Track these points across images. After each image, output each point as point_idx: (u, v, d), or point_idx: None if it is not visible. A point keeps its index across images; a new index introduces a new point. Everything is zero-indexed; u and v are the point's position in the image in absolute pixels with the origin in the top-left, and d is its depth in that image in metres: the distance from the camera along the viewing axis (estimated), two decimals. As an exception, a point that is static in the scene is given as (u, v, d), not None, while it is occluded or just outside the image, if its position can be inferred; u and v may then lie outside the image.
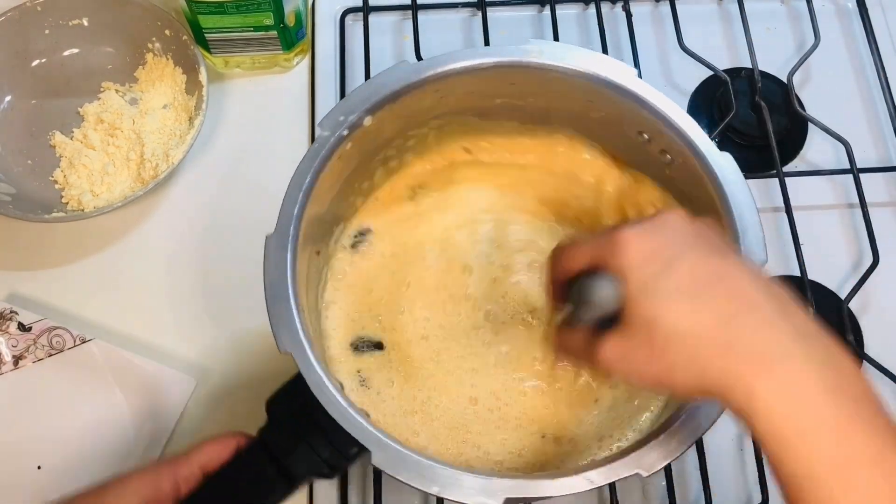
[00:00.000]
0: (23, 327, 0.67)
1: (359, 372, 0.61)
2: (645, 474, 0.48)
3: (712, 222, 0.48)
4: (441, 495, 0.48)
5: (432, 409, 0.60)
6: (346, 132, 0.57)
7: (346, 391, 0.59)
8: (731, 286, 0.42)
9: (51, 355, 0.66)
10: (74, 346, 0.66)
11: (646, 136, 0.60)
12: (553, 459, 0.59)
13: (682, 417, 0.49)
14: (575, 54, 0.59)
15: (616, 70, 0.58)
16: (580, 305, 0.47)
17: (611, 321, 0.45)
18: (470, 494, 0.48)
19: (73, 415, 0.62)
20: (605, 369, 0.45)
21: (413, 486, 0.48)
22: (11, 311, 0.67)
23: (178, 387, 0.65)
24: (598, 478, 0.48)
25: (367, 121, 0.58)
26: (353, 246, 0.64)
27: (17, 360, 0.66)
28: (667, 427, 0.49)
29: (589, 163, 0.65)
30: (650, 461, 0.48)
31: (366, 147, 0.60)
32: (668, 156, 0.59)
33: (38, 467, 0.64)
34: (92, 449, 0.64)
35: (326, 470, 0.51)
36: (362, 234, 0.64)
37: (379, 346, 0.62)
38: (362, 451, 0.49)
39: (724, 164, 0.55)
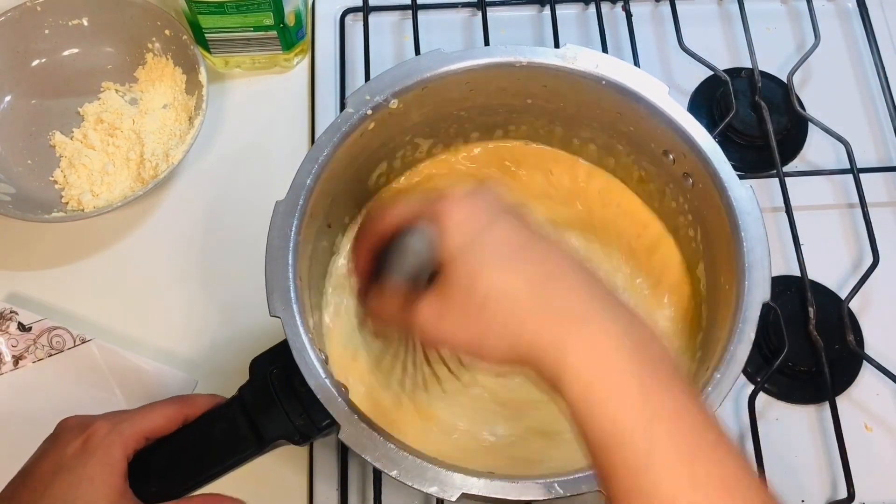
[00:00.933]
0: (23, 327, 0.67)
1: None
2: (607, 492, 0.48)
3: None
4: (399, 479, 0.48)
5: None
6: (369, 111, 0.57)
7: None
8: (542, 253, 0.44)
9: (51, 355, 0.66)
10: (74, 346, 0.66)
11: (671, 156, 0.60)
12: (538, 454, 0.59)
13: None
14: (609, 64, 0.59)
15: (648, 85, 0.58)
16: (397, 260, 0.46)
17: (425, 285, 0.45)
18: (427, 484, 0.48)
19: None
20: (420, 331, 0.45)
21: (377, 467, 0.48)
22: (11, 311, 0.67)
23: (178, 387, 0.65)
24: (561, 488, 0.48)
25: (394, 103, 0.58)
26: None
27: (17, 360, 0.66)
28: None
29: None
30: None
31: (390, 131, 0.60)
32: (691, 180, 0.59)
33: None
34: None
35: (297, 437, 0.52)
36: None
37: None
38: (333, 424, 0.50)
39: (742, 195, 0.55)
